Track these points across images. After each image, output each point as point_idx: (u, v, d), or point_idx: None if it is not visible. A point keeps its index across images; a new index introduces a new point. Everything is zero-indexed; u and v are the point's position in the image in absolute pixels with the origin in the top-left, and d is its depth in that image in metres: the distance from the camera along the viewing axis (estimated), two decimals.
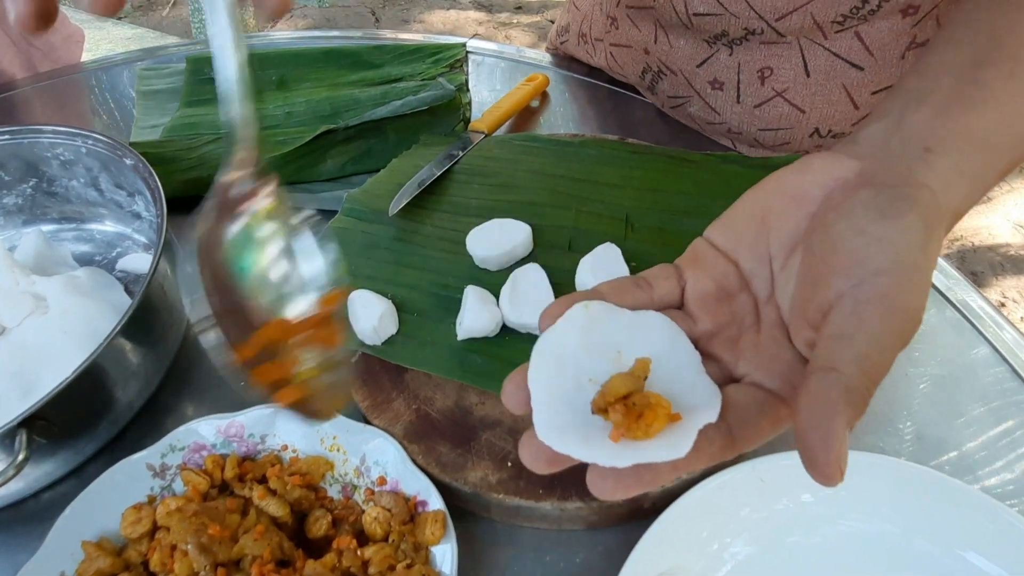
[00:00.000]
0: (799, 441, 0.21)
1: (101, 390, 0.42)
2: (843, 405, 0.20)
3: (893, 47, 0.52)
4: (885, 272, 0.23)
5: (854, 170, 0.26)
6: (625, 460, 0.21)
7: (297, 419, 0.39)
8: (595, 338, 0.25)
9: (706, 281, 0.27)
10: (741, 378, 0.25)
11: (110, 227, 0.58)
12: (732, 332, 0.27)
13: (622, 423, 0.22)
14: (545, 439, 0.22)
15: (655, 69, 0.63)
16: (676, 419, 0.22)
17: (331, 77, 0.70)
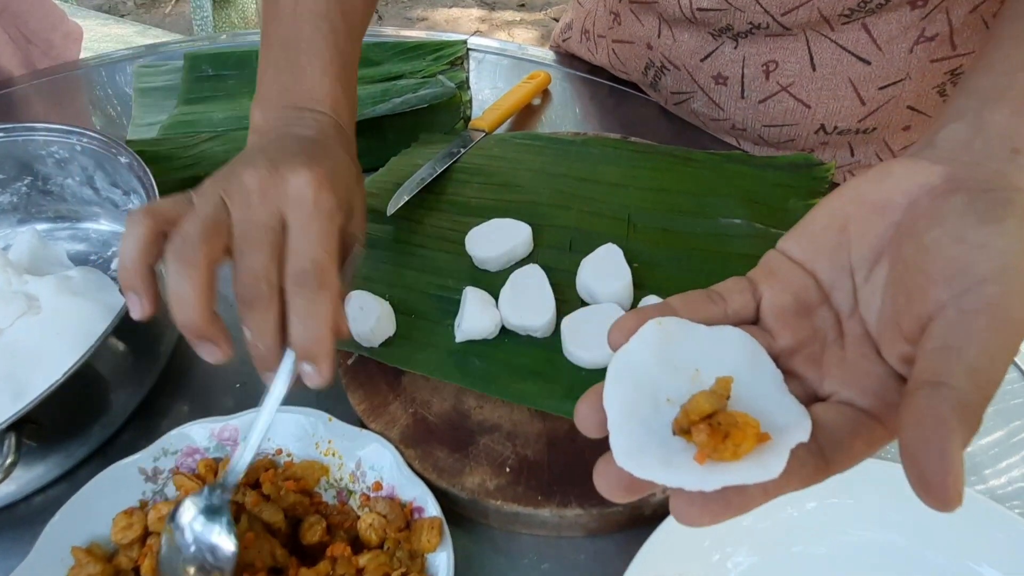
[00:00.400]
0: (907, 463, 0.19)
1: (93, 392, 0.42)
2: (957, 422, 0.19)
3: (901, 40, 0.51)
4: (991, 280, 0.21)
5: (940, 175, 0.24)
6: (713, 483, 0.20)
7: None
8: (671, 355, 0.24)
9: (783, 295, 0.26)
10: (827, 397, 0.24)
11: (105, 226, 0.57)
12: (814, 348, 0.25)
13: (707, 444, 0.20)
14: (625, 465, 0.21)
15: (658, 64, 0.62)
16: (765, 439, 0.21)
17: None
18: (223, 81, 0.69)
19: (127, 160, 0.50)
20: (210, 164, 0.59)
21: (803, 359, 0.25)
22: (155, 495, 0.39)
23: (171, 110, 0.67)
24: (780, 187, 0.51)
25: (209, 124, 0.65)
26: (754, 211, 0.49)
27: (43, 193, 0.56)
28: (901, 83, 0.53)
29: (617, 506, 0.37)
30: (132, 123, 0.67)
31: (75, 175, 0.55)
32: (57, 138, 0.53)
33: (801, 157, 0.53)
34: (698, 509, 0.20)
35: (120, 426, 0.45)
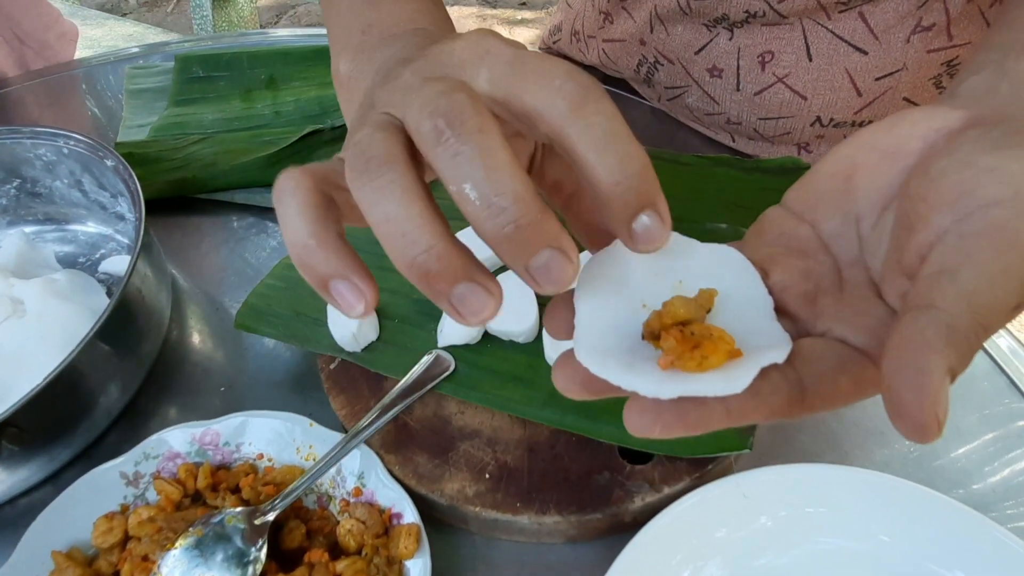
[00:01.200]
0: (884, 387, 0.17)
1: (76, 396, 0.42)
2: (941, 344, 0.17)
3: (898, 30, 0.51)
4: (1000, 204, 0.19)
5: (960, 119, 0.23)
6: (671, 391, 0.18)
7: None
8: (658, 264, 0.22)
9: (774, 247, 0.24)
10: (820, 336, 0.22)
11: (94, 228, 0.57)
12: (808, 287, 0.23)
13: (674, 350, 0.19)
14: (584, 360, 0.20)
15: (651, 60, 0.62)
16: (737, 355, 0.19)
17: (320, 76, 0.69)
18: (214, 83, 0.69)
19: (112, 163, 0.50)
20: (198, 166, 0.59)
21: (796, 297, 0.23)
22: (136, 499, 0.39)
23: (162, 112, 0.67)
24: (767, 191, 0.51)
25: (199, 126, 0.65)
26: (740, 216, 0.49)
27: (32, 195, 0.56)
28: (898, 73, 0.53)
29: (596, 513, 0.37)
30: (122, 124, 0.67)
31: (63, 178, 0.55)
32: (44, 141, 0.53)
33: (789, 160, 0.53)
34: (651, 418, 0.19)
35: (105, 429, 0.45)
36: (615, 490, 0.37)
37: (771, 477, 0.37)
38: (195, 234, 0.58)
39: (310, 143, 0.59)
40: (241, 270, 0.56)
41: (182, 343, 0.51)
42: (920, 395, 0.17)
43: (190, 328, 0.52)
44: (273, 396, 0.47)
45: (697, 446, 0.38)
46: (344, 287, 0.20)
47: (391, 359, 0.43)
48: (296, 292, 0.47)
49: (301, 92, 0.68)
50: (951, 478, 0.42)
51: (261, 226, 0.58)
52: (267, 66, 0.70)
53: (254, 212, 0.59)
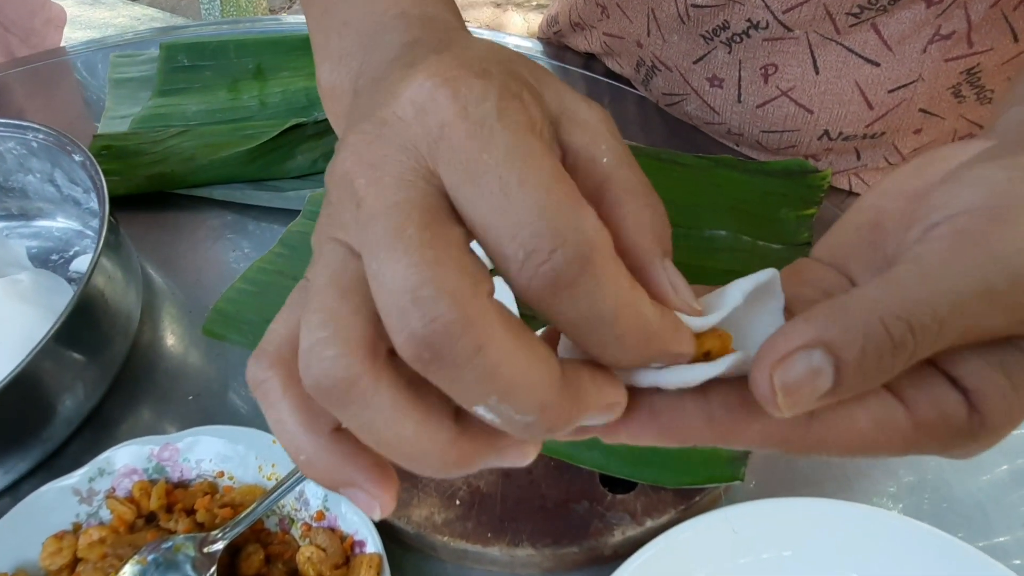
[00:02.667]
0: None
1: (32, 403, 0.40)
2: (814, 316, 0.17)
3: (914, 40, 0.47)
4: (970, 211, 0.17)
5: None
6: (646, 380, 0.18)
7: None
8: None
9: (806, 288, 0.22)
10: None
11: (67, 224, 0.55)
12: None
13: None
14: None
15: (648, 64, 0.58)
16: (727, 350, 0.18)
17: (309, 66, 0.66)
18: (199, 72, 0.67)
19: (80, 158, 0.48)
20: (177, 160, 0.57)
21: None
22: (89, 518, 0.37)
23: (146, 102, 0.65)
24: (771, 195, 0.48)
25: (182, 118, 0.63)
26: (741, 222, 0.46)
27: (4, 190, 0.54)
28: (913, 85, 0.49)
29: (572, 546, 0.34)
30: (104, 115, 0.65)
31: (35, 172, 0.53)
32: (12, 134, 0.50)
33: (796, 163, 0.50)
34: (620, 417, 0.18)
35: (66, 438, 0.43)
36: (594, 521, 0.35)
37: (764, 511, 0.35)
38: (172, 232, 0.56)
39: (292, 138, 0.56)
40: (218, 271, 0.53)
41: (153, 347, 0.49)
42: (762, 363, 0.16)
43: (163, 331, 0.50)
44: (241, 408, 0.45)
45: (684, 475, 0.35)
46: (356, 494, 0.18)
47: None
48: (268, 297, 0.45)
49: (289, 82, 0.65)
50: (964, 512, 0.39)
51: (240, 224, 0.56)
52: (255, 55, 0.67)
53: (234, 209, 0.56)
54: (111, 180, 0.55)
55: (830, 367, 0.16)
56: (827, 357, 0.16)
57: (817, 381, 0.16)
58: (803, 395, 0.16)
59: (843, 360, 0.16)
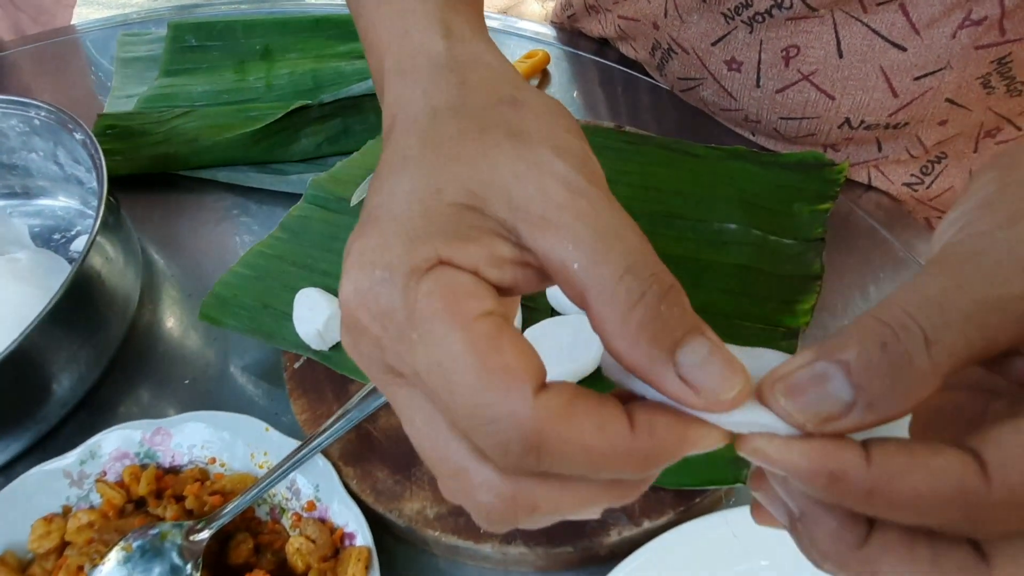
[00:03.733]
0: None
1: (26, 383, 0.39)
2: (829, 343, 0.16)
3: (943, 24, 0.45)
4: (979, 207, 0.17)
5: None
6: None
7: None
8: None
9: None
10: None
11: (69, 203, 0.55)
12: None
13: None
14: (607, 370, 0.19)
15: (665, 46, 0.56)
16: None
17: (318, 48, 0.65)
18: (206, 52, 0.66)
19: (81, 136, 0.47)
20: (181, 141, 0.56)
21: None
22: (80, 501, 0.37)
23: (152, 82, 0.64)
24: (785, 188, 0.46)
25: (188, 98, 0.62)
26: (752, 215, 0.44)
27: (8, 168, 0.54)
28: (940, 72, 0.47)
29: (567, 545, 0.33)
30: (111, 94, 0.64)
31: (38, 150, 0.53)
32: (14, 111, 0.50)
33: (811, 155, 0.48)
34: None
35: (61, 419, 0.43)
36: (590, 520, 0.34)
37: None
38: (175, 213, 0.55)
39: (297, 120, 0.55)
40: (220, 253, 0.53)
41: (151, 329, 0.48)
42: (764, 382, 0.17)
43: (162, 313, 0.50)
44: (238, 393, 0.44)
45: (684, 476, 0.34)
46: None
47: None
48: (266, 282, 0.44)
49: (297, 64, 0.64)
50: None
51: (243, 207, 0.55)
52: (263, 36, 0.66)
53: (237, 192, 0.56)
54: (114, 160, 0.55)
55: (838, 371, 0.15)
56: (829, 364, 0.15)
57: (827, 386, 0.15)
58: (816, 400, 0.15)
59: (845, 362, 0.15)
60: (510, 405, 0.16)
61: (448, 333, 0.16)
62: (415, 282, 0.17)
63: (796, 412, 0.16)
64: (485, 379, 0.16)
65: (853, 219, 0.51)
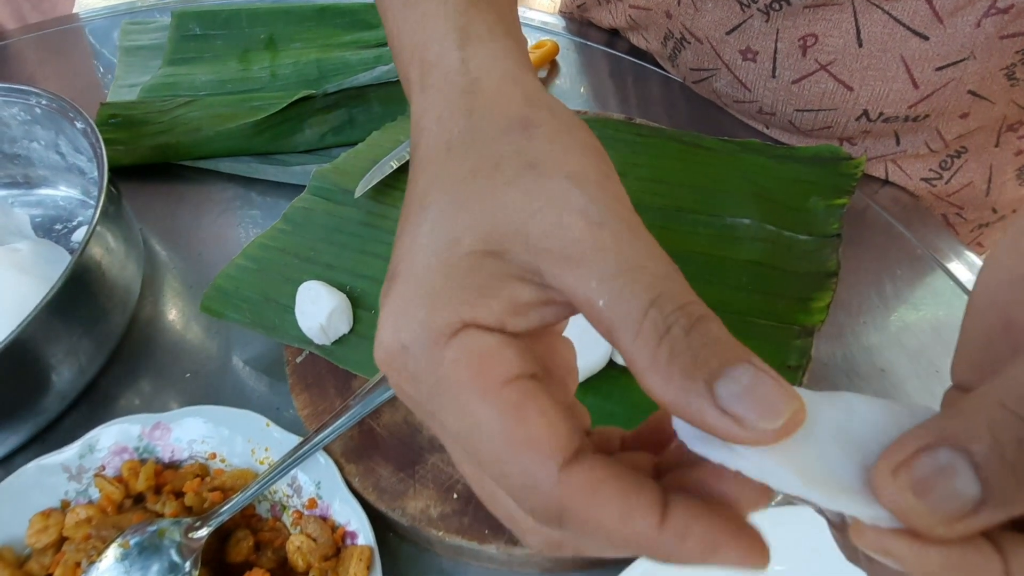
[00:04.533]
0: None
1: (25, 375, 0.39)
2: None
3: (967, 12, 0.44)
4: None
5: None
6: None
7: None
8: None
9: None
10: None
11: (72, 193, 0.54)
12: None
13: None
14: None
15: (677, 36, 0.55)
16: None
17: (323, 37, 0.64)
18: (210, 41, 0.65)
19: (82, 126, 0.46)
20: (183, 131, 0.55)
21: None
22: (78, 495, 0.36)
23: (155, 71, 0.64)
24: (800, 183, 0.45)
25: (191, 87, 0.61)
26: (766, 210, 0.43)
27: (9, 157, 0.53)
28: (963, 63, 0.46)
29: None
30: (114, 83, 0.63)
31: (40, 139, 0.52)
32: (15, 99, 0.49)
33: (827, 149, 0.47)
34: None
35: (61, 412, 0.42)
36: None
37: (781, 519, 0.32)
38: (177, 204, 0.54)
39: (300, 110, 0.54)
40: (222, 245, 0.52)
41: (153, 322, 0.48)
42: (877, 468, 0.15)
43: (163, 306, 0.49)
44: (239, 387, 0.43)
45: None
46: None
47: (363, 355, 0.39)
48: (268, 275, 0.43)
49: (301, 54, 0.63)
50: None
51: (246, 198, 0.54)
52: (267, 25, 0.65)
53: (239, 183, 0.55)
54: (116, 150, 0.54)
55: (966, 465, 0.14)
56: (955, 454, 0.14)
57: (954, 482, 0.14)
58: (942, 498, 0.14)
59: (976, 454, 0.14)
60: (533, 479, 0.16)
61: (474, 402, 0.16)
62: (439, 350, 0.17)
63: (927, 513, 0.14)
64: (511, 451, 0.16)
65: (870, 215, 0.50)
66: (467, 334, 0.17)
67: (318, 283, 0.40)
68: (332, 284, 0.41)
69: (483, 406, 0.16)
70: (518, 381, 0.17)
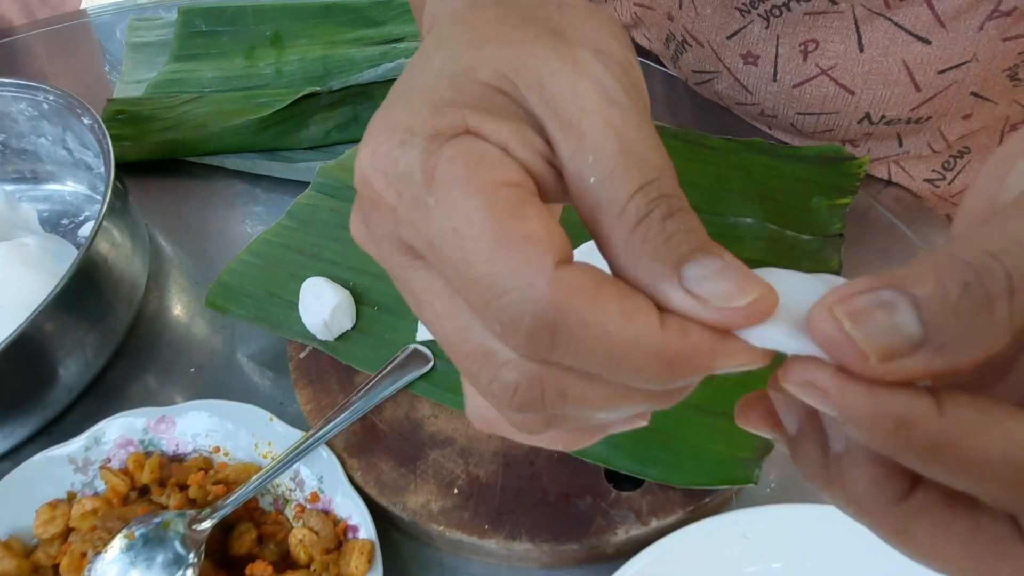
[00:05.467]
0: None
1: (32, 368, 0.39)
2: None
3: (970, 16, 0.43)
4: None
5: None
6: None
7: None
8: None
9: None
10: None
11: (79, 189, 0.55)
12: None
13: None
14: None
15: (679, 38, 0.55)
16: None
17: (329, 34, 0.65)
18: (216, 38, 0.65)
19: (89, 121, 0.47)
20: (189, 127, 0.55)
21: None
22: (84, 487, 0.37)
23: (162, 67, 0.64)
24: (803, 182, 0.45)
25: (197, 84, 0.61)
26: (769, 209, 0.43)
27: (17, 152, 0.54)
28: (965, 66, 0.46)
29: (572, 543, 0.33)
30: (121, 79, 0.64)
31: (47, 135, 0.52)
32: (23, 95, 0.50)
33: (831, 149, 0.47)
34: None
35: (68, 405, 0.43)
36: (596, 519, 0.33)
37: (779, 517, 0.33)
38: (183, 200, 0.55)
39: (306, 107, 0.55)
40: (228, 241, 0.52)
41: (159, 316, 0.48)
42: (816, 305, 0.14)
43: (169, 301, 0.49)
44: (243, 382, 0.44)
45: (695, 475, 0.33)
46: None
47: (366, 351, 0.40)
48: (272, 271, 0.44)
49: (306, 51, 0.63)
50: None
51: (251, 194, 0.55)
52: (273, 21, 0.66)
53: (244, 179, 0.55)
54: (122, 146, 0.55)
55: (907, 304, 0.13)
56: (897, 293, 0.13)
57: (893, 316, 0.13)
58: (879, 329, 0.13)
59: (919, 296, 0.13)
60: (527, 276, 0.14)
61: (467, 198, 0.15)
62: (437, 146, 0.15)
63: (861, 339, 0.13)
64: (502, 246, 0.14)
65: (872, 215, 0.50)
66: (469, 138, 0.16)
67: (322, 279, 0.41)
68: (336, 280, 0.41)
69: (476, 200, 0.15)
70: (517, 187, 0.15)
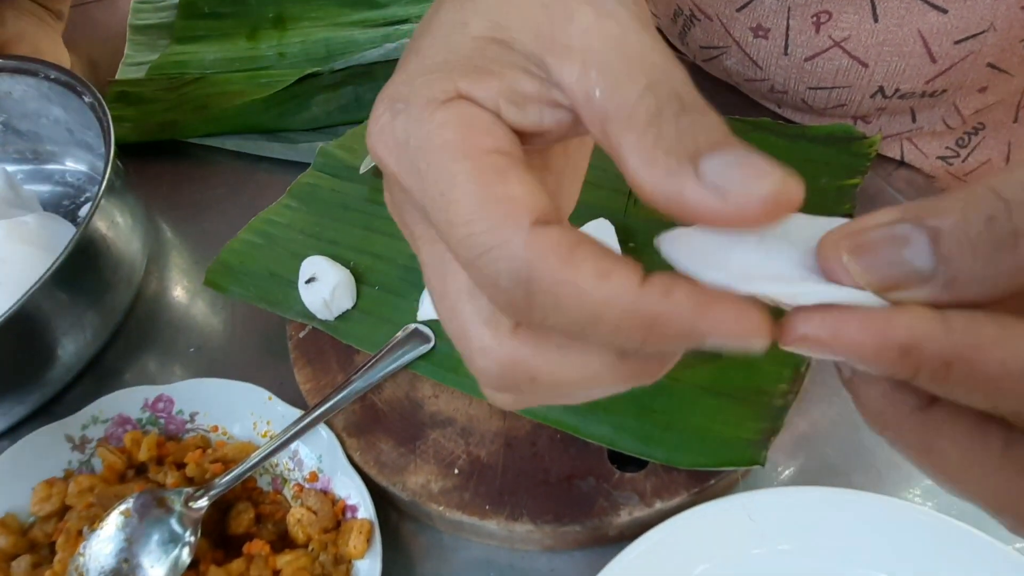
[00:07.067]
0: None
1: (29, 346, 0.39)
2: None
3: None
4: None
5: None
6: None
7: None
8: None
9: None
10: None
11: (80, 169, 0.54)
12: None
13: None
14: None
15: (687, 12, 0.54)
16: None
17: (332, 15, 0.64)
18: (219, 19, 0.65)
19: (89, 100, 0.46)
20: (190, 108, 0.55)
21: None
22: (81, 465, 0.36)
23: (164, 49, 0.64)
24: (812, 163, 0.44)
25: (199, 66, 0.61)
26: None
27: (18, 132, 0.54)
28: (983, 35, 0.44)
29: (575, 524, 0.32)
30: (123, 61, 0.63)
31: (49, 114, 0.52)
32: (23, 74, 0.49)
33: (840, 128, 0.46)
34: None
35: (67, 384, 0.42)
36: (599, 500, 0.33)
37: (785, 500, 0.32)
38: (183, 181, 0.54)
39: (307, 88, 0.54)
40: (228, 221, 0.52)
41: (158, 297, 0.48)
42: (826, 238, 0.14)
43: (169, 281, 0.49)
44: (243, 361, 0.43)
45: (700, 456, 0.32)
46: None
47: (366, 331, 0.39)
48: (273, 250, 0.43)
49: (309, 32, 0.63)
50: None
51: (252, 175, 0.54)
52: (275, 3, 0.65)
53: (246, 160, 0.55)
54: (124, 127, 0.54)
55: (923, 238, 0.13)
56: (914, 227, 0.13)
57: (903, 250, 0.13)
58: (884, 262, 0.13)
59: (939, 228, 0.12)
60: (504, 234, 0.14)
61: (454, 162, 0.15)
62: (430, 112, 0.16)
63: (858, 272, 0.13)
64: (482, 207, 0.15)
65: (883, 197, 0.49)
66: (460, 103, 0.16)
67: (322, 258, 0.40)
68: (336, 260, 0.41)
69: (462, 165, 0.15)
70: (504, 154, 0.16)
